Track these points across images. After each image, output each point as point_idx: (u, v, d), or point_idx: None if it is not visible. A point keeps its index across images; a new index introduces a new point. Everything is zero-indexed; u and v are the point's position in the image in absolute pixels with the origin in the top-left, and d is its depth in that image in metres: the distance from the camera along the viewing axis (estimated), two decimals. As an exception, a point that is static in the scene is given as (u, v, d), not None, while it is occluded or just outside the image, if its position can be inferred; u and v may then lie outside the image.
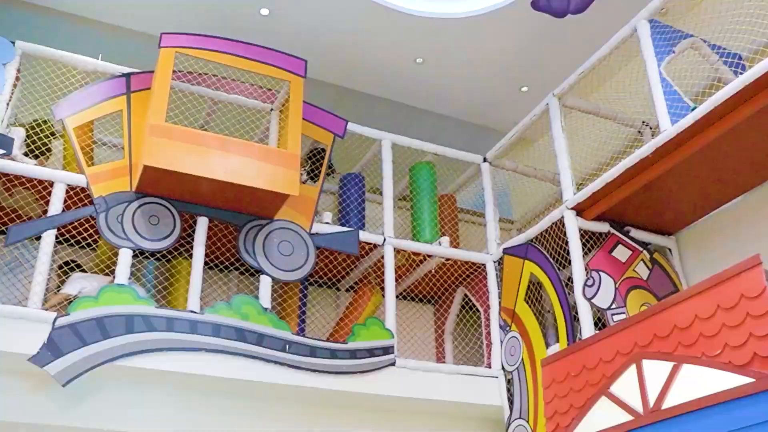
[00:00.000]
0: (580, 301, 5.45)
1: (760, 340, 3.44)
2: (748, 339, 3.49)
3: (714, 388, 3.59)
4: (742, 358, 3.51)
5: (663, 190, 5.47)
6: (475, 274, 6.83)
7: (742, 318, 3.54)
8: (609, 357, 4.32)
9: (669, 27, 5.41)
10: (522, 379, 5.95)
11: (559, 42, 6.98)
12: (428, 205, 6.83)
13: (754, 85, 4.48)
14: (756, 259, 3.52)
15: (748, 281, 3.53)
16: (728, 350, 3.58)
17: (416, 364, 5.92)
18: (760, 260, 3.50)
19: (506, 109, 7.94)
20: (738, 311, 3.56)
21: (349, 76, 7.61)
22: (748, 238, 5.45)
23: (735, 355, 3.54)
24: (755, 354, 3.44)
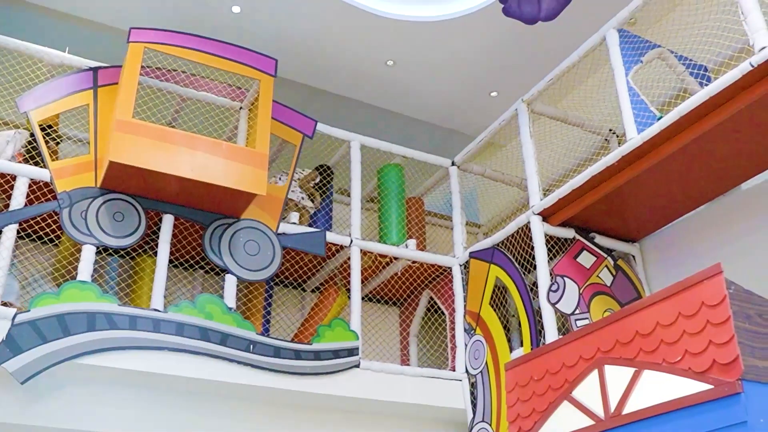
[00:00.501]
0: (545, 306, 5.49)
1: (719, 348, 3.48)
2: (707, 346, 3.53)
3: (674, 394, 3.63)
4: (701, 365, 3.55)
5: (628, 198, 5.54)
6: (441, 277, 6.85)
7: (703, 325, 3.58)
8: (572, 362, 4.34)
9: (637, 37, 5.47)
10: (486, 383, 5.98)
11: (529, 48, 7.03)
12: (396, 208, 6.84)
13: (718, 97, 4.55)
14: (717, 267, 3.57)
15: (709, 289, 3.58)
16: (688, 357, 3.62)
17: (380, 366, 5.92)
18: (721, 269, 3.55)
19: (475, 114, 7.97)
20: (698, 319, 3.60)
21: (319, 77, 7.59)
22: (709, 246, 5.54)
23: (695, 361, 3.58)
24: (714, 361, 3.48)
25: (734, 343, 3.41)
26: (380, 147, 6.88)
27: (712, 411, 3.42)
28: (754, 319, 3.57)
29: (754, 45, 4.33)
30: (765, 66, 4.29)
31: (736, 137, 4.84)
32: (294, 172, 6.31)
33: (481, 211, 7.90)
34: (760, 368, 3.44)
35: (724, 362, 3.44)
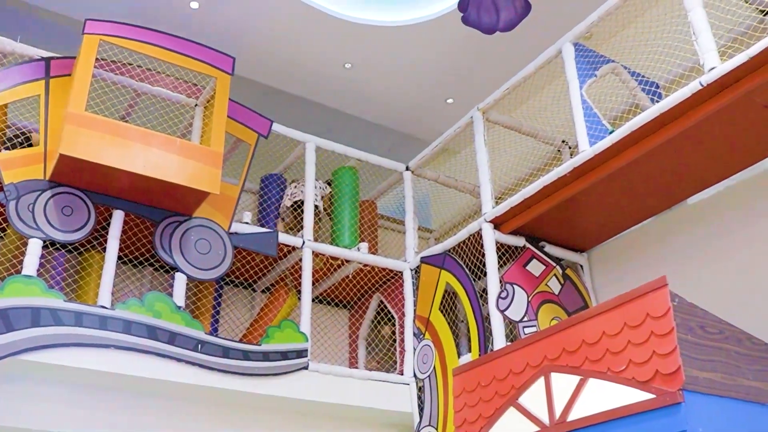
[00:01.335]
0: (494, 313, 5.55)
1: (662, 358, 3.56)
2: (651, 356, 3.62)
3: (617, 403, 3.71)
4: (645, 374, 3.63)
5: (578, 209, 5.63)
6: (392, 281, 6.88)
7: (647, 336, 3.66)
8: (519, 369, 4.40)
9: (592, 51, 5.57)
10: (433, 387, 6.02)
11: (486, 57, 7.12)
12: (349, 210, 6.84)
13: (668, 114, 4.66)
14: (662, 280, 3.66)
15: (654, 301, 3.66)
16: (632, 366, 3.70)
17: (329, 369, 5.92)
18: (666, 282, 3.64)
19: (431, 119, 8.04)
20: (643, 329, 3.69)
21: (277, 76, 7.58)
22: (655, 258, 5.67)
23: (638, 371, 3.66)
24: (657, 371, 3.56)
25: (677, 354, 3.50)
26: (335, 149, 6.89)
27: (653, 420, 3.50)
28: (696, 331, 3.67)
29: (704, 65, 4.44)
30: (714, 86, 4.41)
31: (684, 154, 4.96)
32: (295, 183, 6.33)
33: (433, 216, 7.96)
34: (700, 379, 3.53)
35: (667, 372, 3.52)
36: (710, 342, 3.70)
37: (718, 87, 4.44)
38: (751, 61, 4.25)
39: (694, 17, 4.58)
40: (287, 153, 6.94)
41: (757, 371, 3.85)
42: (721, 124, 4.67)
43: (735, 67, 4.29)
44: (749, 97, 4.43)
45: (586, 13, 5.48)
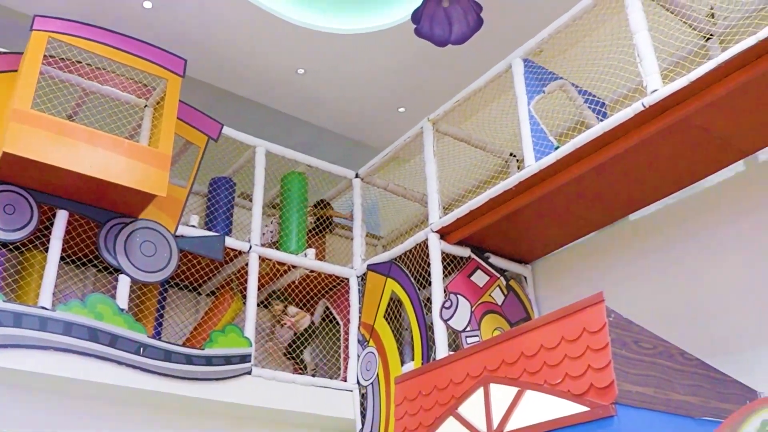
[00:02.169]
0: (437, 322, 5.62)
1: (597, 372, 3.65)
2: (586, 370, 3.70)
3: (553, 415, 3.78)
4: (580, 387, 3.71)
5: (523, 221, 5.73)
6: (338, 287, 6.90)
7: (583, 350, 3.74)
8: (459, 379, 4.46)
9: (541, 68, 5.68)
10: (376, 395, 6.06)
11: (438, 69, 7.20)
12: (297, 216, 6.85)
13: (612, 133, 4.78)
14: (599, 296, 3.74)
15: (591, 316, 3.75)
16: (568, 380, 3.78)
17: (272, 374, 5.92)
18: (603, 298, 3.72)
19: (382, 127, 8.09)
20: (580, 344, 3.77)
21: (229, 79, 7.55)
22: (596, 272, 5.81)
23: (574, 384, 3.74)
24: (592, 384, 3.64)
25: (611, 368, 3.59)
26: (285, 154, 6.89)
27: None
28: (631, 346, 3.77)
29: (647, 87, 4.57)
30: (655, 107, 4.54)
31: (627, 172, 5.09)
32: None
33: (382, 223, 8.00)
34: (633, 393, 3.62)
35: (601, 386, 3.60)
36: (644, 357, 3.80)
37: (660, 109, 4.57)
38: (691, 86, 4.39)
39: (639, 40, 4.70)
40: (237, 156, 6.91)
41: (688, 386, 3.96)
42: (662, 144, 4.80)
43: (676, 90, 4.42)
44: (688, 119, 4.57)
45: (537, 29, 5.58)
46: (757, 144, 4.89)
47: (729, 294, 4.92)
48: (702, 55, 4.84)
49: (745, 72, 4.28)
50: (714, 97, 4.41)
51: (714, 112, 4.54)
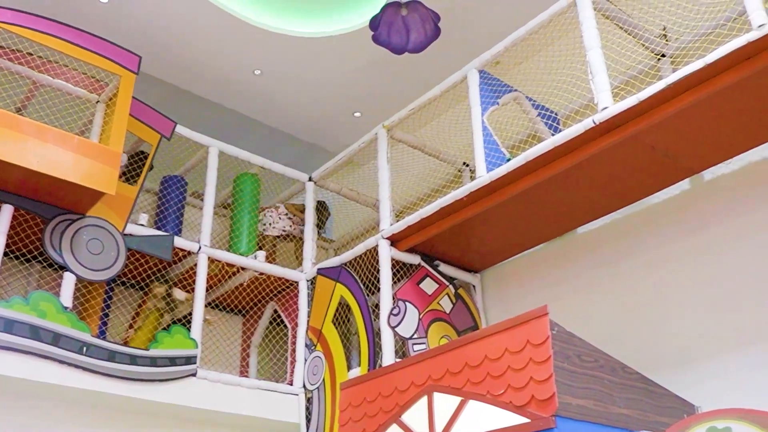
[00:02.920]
0: (384, 329, 5.63)
1: (538, 384, 3.70)
2: (528, 382, 3.75)
3: (494, 425, 3.82)
4: (521, 399, 3.76)
5: (473, 231, 5.78)
6: (287, 290, 6.88)
7: (526, 362, 3.79)
8: (404, 386, 4.48)
9: (497, 79, 5.74)
10: (321, 400, 6.05)
11: (395, 76, 7.22)
12: (248, 218, 6.81)
13: (562, 147, 4.85)
14: (543, 309, 3.80)
15: (535, 329, 3.80)
16: (510, 391, 3.82)
17: (217, 376, 5.87)
18: (547, 311, 3.78)
19: (338, 131, 8.09)
20: (523, 356, 3.82)
21: (185, 78, 7.47)
22: (542, 284, 5.88)
23: (516, 396, 3.79)
24: (533, 396, 3.69)
25: (552, 381, 3.64)
26: (239, 155, 6.85)
27: (527, 443, 3.63)
28: (573, 359, 3.83)
29: (597, 104, 4.65)
30: (605, 124, 4.61)
31: (576, 186, 5.17)
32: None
33: (334, 227, 8.00)
34: (573, 405, 3.68)
35: (542, 398, 3.66)
36: (585, 370, 3.87)
37: (610, 126, 4.65)
38: (641, 104, 4.47)
39: (591, 57, 4.78)
40: (190, 155, 6.85)
41: (628, 399, 4.04)
42: (611, 161, 4.89)
43: (626, 108, 4.50)
44: (637, 137, 4.66)
45: (494, 41, 5.63)
46: (702, 163, 5.01)
47: (671, 310, 5.02)
48: (653, 75, 4.93)
49: (694, 93, 4.38)
50: (663, 116, 4.50)
51: (662, 131, 4.63)
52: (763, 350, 4.50)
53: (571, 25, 5.15)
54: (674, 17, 4.86)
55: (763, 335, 4.52)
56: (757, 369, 4.49)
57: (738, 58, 4.15)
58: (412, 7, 5.75)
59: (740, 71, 4.19)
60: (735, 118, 4.54)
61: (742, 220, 4.85)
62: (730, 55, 4.12)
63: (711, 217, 5.02)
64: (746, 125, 4.61)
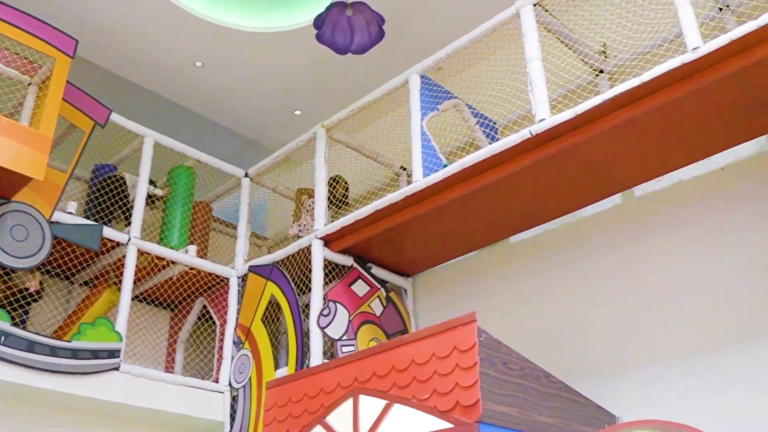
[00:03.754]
0: (314, 329, 5.60)
1: (463, 390, 3.71)
2: (454, 388, 3.76)
3: (418, 429, 3.82)
4: (446, 404, 3.76)
5: (407, 235, 5.79)
6: (217, 286, 6.79)
7: (452, 368, 3.81)
8: (330, 388, 4.45)
9: (438, 86, 5.76)
10: (247, 398, 5.99)
11: (337, 76, 7.20)
12: (181, 211, 6.69)
13: (499, 156, 4.90)
14: (471, 316, 3.82)
15: (462, 335, 3.82)
16: (436, 396, 3.83)
17: (141, 371, 5.75)
18: (475, 318, 3.80)
19: (277, 129, 8.03)
20: (449, 361, 3.83)
21: (124, 65, 7.31)
22: (474, 290, 5.94)
23: (441, 401, 3.80)
24: (458, 402, 3.71)
25: (477, 387, 3.66)
26: (175, 147, 6.73)
27: (452, 448, 3.65)
28: (498, 367, 3.86)
29: (535, 115, 4.70)
30: (542, 136, 4.68)
31: (511, 195, 5.22)
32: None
33: (269, 225, 7.93)
34: (497, 412, 3.71)
35: (466, 404, 3.67)
36: (510, 378, 3.90)
37: (546, 137, 4.71)
38: (577, 118, 4.54)
39: (532, 69, 4.83)
40: (124, 144, 6.70)
41: (551, 408, 4.09)
42: (546, 172, 4.95)
43: (562, 121, 4.57)
44: (572, 150, 4.73)
45: (437, 47, 5.66)
46: (634, 179, 5.11)
47: (595, 322, 5.12)
48: (591, 90, 5.02)
49: (629, 110, 4.47)
50: (598, 131, 4.58)
51: (597, 146, 4.72)
52: (680, 363, 4.62)
53: (513, 36, 5.21)
54: (614, 35, 4.96)
55: (680, 349, 4.64)
56: (674, 381, 4.61)
57: (672, 79, 4.25)
58: (357, 9, 5.75)
59: (674, 91, 4.29)
60: (667, 137, 4.65)
61: (669, 237, 4.97)
62: (665, 75, 4.22)
63: (639, 233, 5.13)
64: (677, 144, 4.73)
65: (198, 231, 6.97)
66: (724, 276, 4.62)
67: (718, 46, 4.05)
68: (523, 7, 5.06)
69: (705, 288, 4.67)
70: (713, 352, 4.51)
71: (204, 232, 7.07)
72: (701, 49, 4.09)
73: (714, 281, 4.65)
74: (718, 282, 4.63)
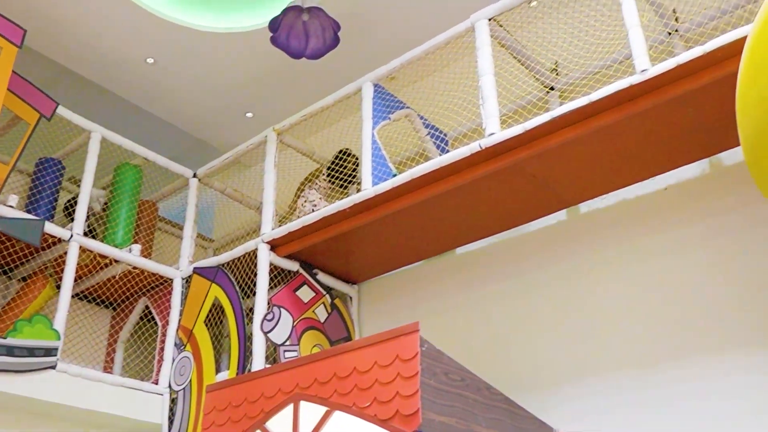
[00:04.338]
0: (257, 334, 5.56)
1: (404, 399, 3.73)
2: (394, 396, 3.77)
3: (357, 437, 3.84)
4: (386, 413, 3.77)
5: (355, 243, 5.80)
6: (161, 286, 6.69)
7: (394, 377, 3.82)
8: (271, 393, 4.42)
9: (391, 95, 5.79)
10: (186, 401, 5.92)
11: (290, 80, 7.19)
12: (127, 209, 6.58)
13: (449, 168, 4.94)
14: (415, 326, 3.83)
15: (405, 344, 3.83)
16: (376, 404, 3.83)
17: (78, 371, 5.63)
18: (418, 328, 3.81)
19: (227, 130, 7.98)
20: (391, 370, 3.84)
21: (74, 58, 7.18)
22: (419, 300, 5.96)
23: (381, 409, 3.81)
24: (398, 411, 3.72)
25: (417, 397, 3.67)
26: (123, 144, 6.61)
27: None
28: (440, 377, 3.88)
29: (485, 129, 4.76)
30: (491, 150, 4.73)
31: (459, 206, 5.27)
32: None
33: (216, 227, 7.86)
34: (436, 422, 3.73)
35: (406, 413, 3.68)
36: (451, 388, 3.92)
37: (495, 152, 4.77)
38: (526, 133, 4.61)
39: (484, 83, 4.89)
40: (71, 139, 6.57)
41: (491, 419, 4.13)
42: (494, 185, 5.01)
43: (512, 136, 4.63)
44: (520, 165, 4.79)
45: (392, 56, 5.68)
46: (580, 196, 5.20)
47: (536, 334, 5.18)
48: (541, 106, 5.09)
49: (577, 128, 4.55)
50: (546, 147, 4.65)
51: (544, 162, 4.79)
52: (619, 378, 4.71)
53: (467, 50, 5.26)
54: (566, 53, 5.04)
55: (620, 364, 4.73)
56: (613, 395, 4.69)
57: (620, 99, 4.34)
58: (313, 14, 5.74)
59: (621, 112, 4.38)
60: (613, 156, 4.75)
61: (611, 254, 5.06)
62: (614, 95, 4.31)
63: (583, 249, 5.22)
64: (623, 164, 4.83)
65: (143, 230, 6.87)
66: (662, 294, 4.72)
67: (665, 70, 4.15)
68: (478, 21, 5.12)
69: (644, 305, 4.77)
70: (651, 367, 4.60)
71: (149, 231, 6.97)
72: (649, 71, 4.19)
73: (652, 299, 4.76)
74: (656, 299, 4.74)
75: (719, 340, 4.40)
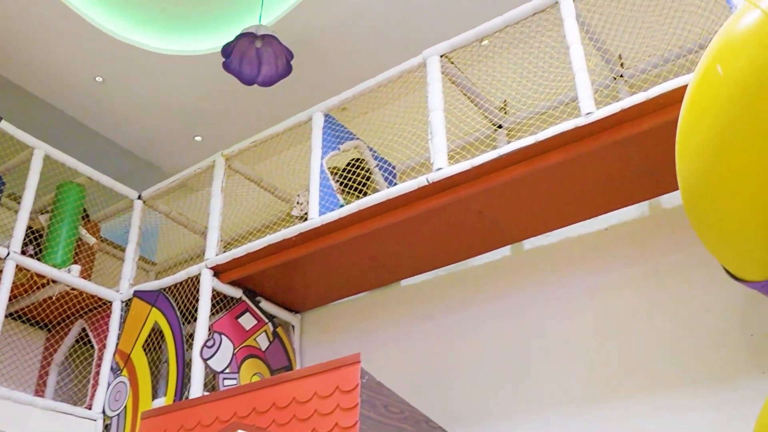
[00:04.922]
0: (196, 360, 5.48)
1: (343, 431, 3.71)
2: (333, 428, 3.74)
3: (294, 469, 3.79)
4: (325, 444, 3.75)
5: (299, 272, 5.77)
6: (99, 309, 6.56)
7: (333, 408, 3.80)
8: (208, 421, 4.36)
9: (341, 126, 5.82)
10: (120, 427, 5.78)
11: (241, 106, 7.18)
12: (68, 229, 6.45)
13: (396, 201, 4.97)
14: (356, 357, 3.83)
15: (345, 376, 3.82)
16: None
17: (8, 393, 5.46)
18: (359, 359, 3.81)
19: (175, 153, 7.91)
20: (331, 401, 3.82)
21: (18, 71, 7.06)
22: (362, 331, 5.95)
23: (319, 441, 3.78)
24: (337, 443, 3.70)
25: (356, 429, 3.65)
26: (66, 162, 6.49)
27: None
28: (380, 409, 3.87)
29: (433, 163, 4.81)
30: (438, 184, 4.78)
31: (405, 239, 5.29)
32: None
33: (159, 250, 7.75)
34: (374, 455, 3.72)
35: (346, 445, 3.67)
36: (391, 421, 3.92)
37: (442, 186, 4.81)
38: (473, 170, 4.67)
39: (433, 118, 4.95)
40: (13, 155, 6.43)
41: (428, 453, 4.13)
42: (440, 220, 5.05)
43: (459, 172, 4.68)
44: (467, 201, 4.85)
45: (344, 87, 5.72)
46: (524, 233, 5.27)
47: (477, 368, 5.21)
48: (488, 144, 5.17)
49: (523, 166, 4.62)
50: (492, 184, 4.71)
51: (491, 198, 4.85)
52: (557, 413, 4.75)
53: (418, 84, 5.33)
54: (515, 93, 5.14)
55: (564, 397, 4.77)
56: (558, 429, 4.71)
57: (566, 140, 4.43)
58: (267, 41, 5.75)
59: (566, 152, 4.47)
60: (557, 195, 4.83)
61: (552, 291, 5.13)
62: (559, 135, 4.39)
63: (526, 284, 5.28)
64: (566, 203, 4.91)
65: (84, 251, 6.74)
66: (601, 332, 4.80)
67: (609, 113, 4.25)
68: (430, 57, 5.19)
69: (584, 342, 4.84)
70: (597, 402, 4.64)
71: (90, 252, 6.84)
72: (594, 114, 4.29)
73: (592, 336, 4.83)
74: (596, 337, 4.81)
75: (657, 378, 4.48)
